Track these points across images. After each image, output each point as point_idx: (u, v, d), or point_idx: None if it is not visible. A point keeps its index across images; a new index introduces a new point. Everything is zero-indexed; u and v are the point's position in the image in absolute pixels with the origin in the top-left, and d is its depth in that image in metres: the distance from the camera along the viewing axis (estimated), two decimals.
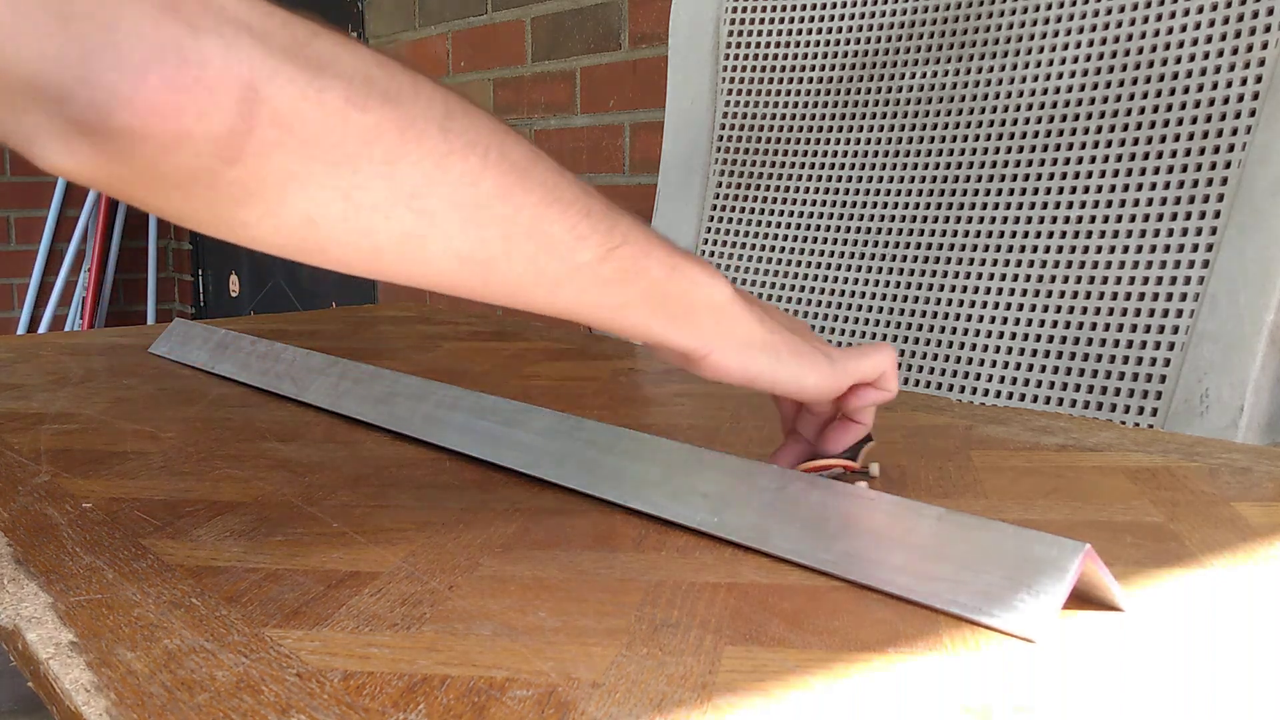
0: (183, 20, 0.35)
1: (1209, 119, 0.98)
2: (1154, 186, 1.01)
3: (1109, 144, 1.05)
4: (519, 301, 0.48)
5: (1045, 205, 1.09)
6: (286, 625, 0.45)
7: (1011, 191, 1.12)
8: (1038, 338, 1.06)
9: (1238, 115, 0.96)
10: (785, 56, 1.36)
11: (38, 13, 0.34)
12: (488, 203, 0.44)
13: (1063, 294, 1.05)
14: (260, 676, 0.40)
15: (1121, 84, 1.05)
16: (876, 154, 1.25)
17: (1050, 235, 1.08)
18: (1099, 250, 1.04)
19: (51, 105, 0.34)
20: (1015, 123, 1.13)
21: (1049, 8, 1.12)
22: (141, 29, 0.34)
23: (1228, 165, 0.96)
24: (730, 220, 1.38)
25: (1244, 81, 0.96)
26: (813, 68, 1.33)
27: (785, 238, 1.32)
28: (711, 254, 1.39)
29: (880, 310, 1.20)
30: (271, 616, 0.46)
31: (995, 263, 1.11)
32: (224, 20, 0.36)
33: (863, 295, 1.22)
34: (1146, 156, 1.02)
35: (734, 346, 0.54)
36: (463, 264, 0.45)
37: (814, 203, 1.30)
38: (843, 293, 1.25)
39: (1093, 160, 1.06)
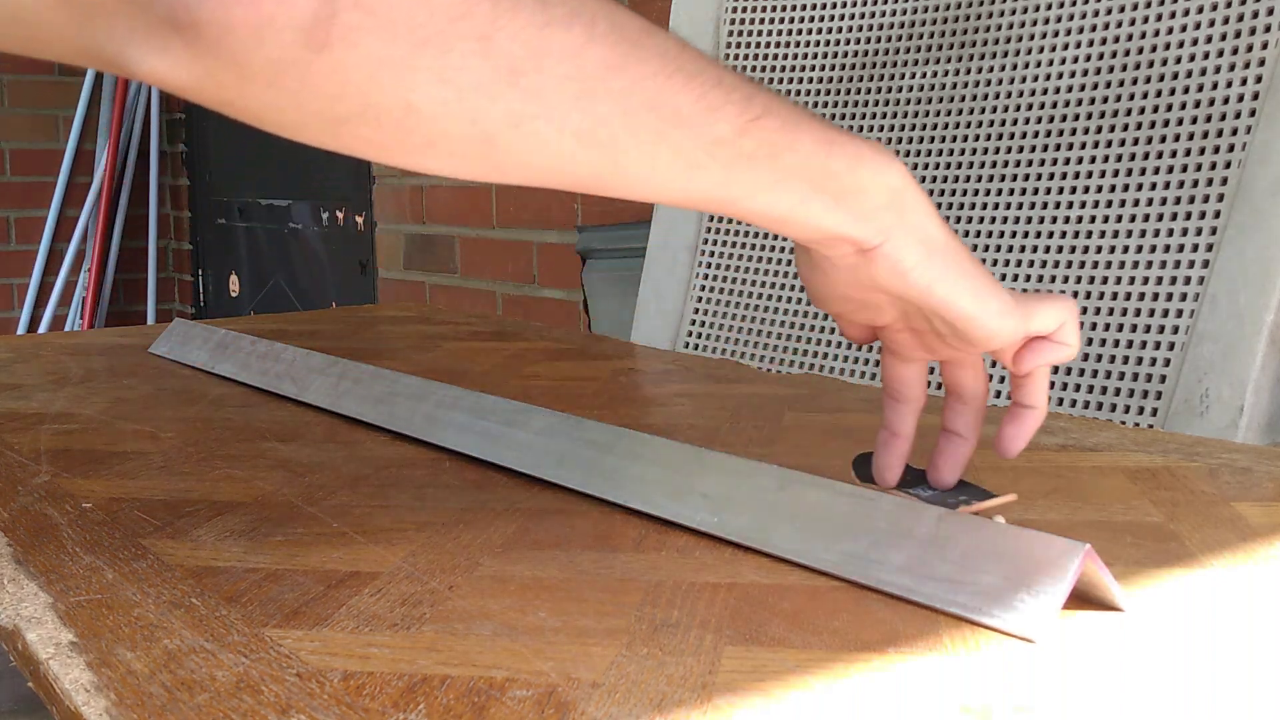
0: None
1: (1209, 119, 0.98)
2: (1154, 186, 1.01)
3: (1109, 144, 1.05)
4: (656, 188, 0.43)
5: (1045, 205, 1.09)
6: (286, 625, 0.45)
7: (1011, 191, 1.12)
8: None
9: (1238, 115, 0.96)
10: (785, 56, 1.36)
11: None
12: (599, 75, 0.40)
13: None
14: (260, 676, 0.40)
15: (1121, 84, 1.05)
16: None
17: (1050, 235, 1.08)
18: (1099, 250, 1.04)
19: (148, 10, 0.34)
20: (1015, 123, 1.13)
21: (1049, 8, 1.12)
22: None
23: (1228, 165, 0.96)
24: (730, 220, 1.38)
25: (1244, 81, 0.96)
26: (813, 68, 1.33)
27: (786, 237, 1.32)
28: (712, 254, 1.39)
29: None
30: (271, 616, 0.46)
31: (995, 262, 1.11)
32: None
33: None
34: (1146, 156, 1.02)
35: (915, 237, 0.46)
36: (582, 144, 0.41)
37: None
38: None
39: (1093, 160, 1.06)
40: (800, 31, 1.35)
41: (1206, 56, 0.99)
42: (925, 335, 0.51)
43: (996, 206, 1.12)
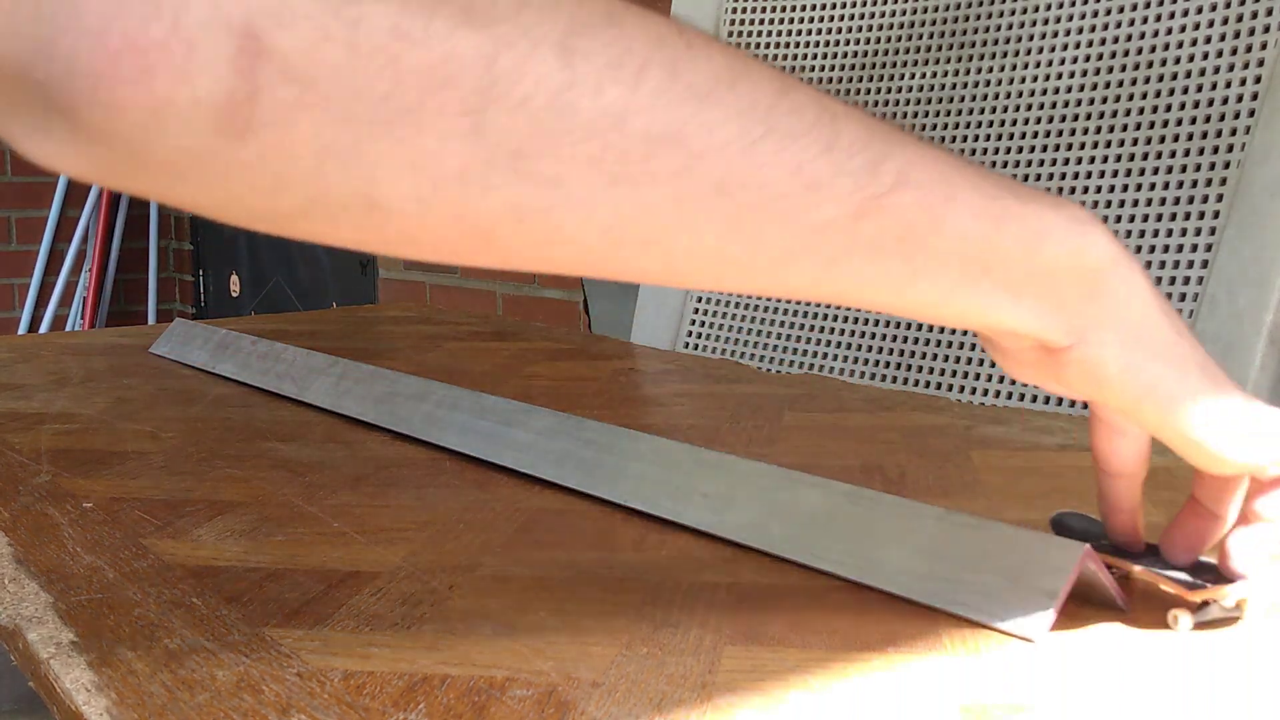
0: None
1: (1209, 119, 0.98)
2: (1153, 187, 1.01)
3: (1109, 144, 1.05)
4: (730, 286, 0.34)
5: None
6: (287, 625, 0.45)
7: None
8: None
9: (1237, 115, 0.96)
10: (785, 56, 1.36)
11: None
12: (643, 150, 0.30)
13: None
14: (261, 676, 0.40)
15: (1121, 84, 1.05)
16: None
17: None
18: None
19: (23, 86, 0.26)
20: (1015, 123, 1.13)
21: (1049, 8, 1.12)
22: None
23: (1227, 165, 0.96)
24: None
25: (1244, 82, 0.96)
26: (813, 68, 1.33)
27: None
28: None
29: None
30: (272, 616, 0.46)
31: None
32: None
33: None
34: (1146, 157, 1.02)
35: (1121, 335, 0.36)
36: (615, 242, 0.31)
37: None
38: None
39: (1093, 160, 1.06)
40: (800, 31, 1.35)
41: (1206, 56, 0.99)
42: None
43: None
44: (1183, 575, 0.43)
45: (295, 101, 0.27)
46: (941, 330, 1.14)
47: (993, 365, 1.09)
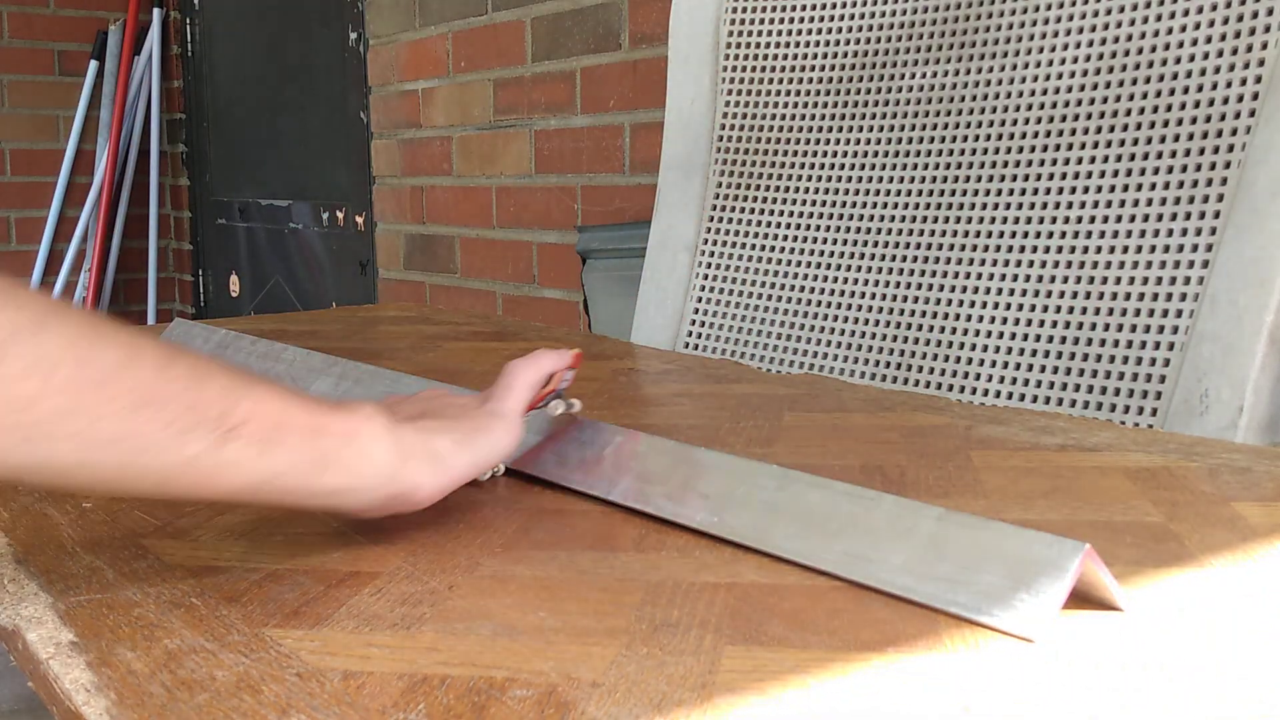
0: None
1: (1209, 119, 0.98)
2: (1154, 186, 1.01)
3: (1109, 144, 1.05)
4: (134, 494, 0.49)
5: (1045, 205, 1.09)
6: (286, 625, 0.45)
7: (1011, 192, 1.12)
8: (1037, 338, 1.06)
9: (1237, 115, 0.96)
10: (785, 56, 1.36)
11: None
12: (51, 421, 0.43)
13: (1062, 294, 1.05)
14: (260, 676, 0.40)
15: (1121, 84, 1.05)
16: (876, 154, 1.25)
17: (1050, 235, 1.08)
18: (1099, 250, 1.04)
19: None
20: (1015, 123, 1.13)
21: (1049, 8, 1.12)
22: None
23: (1227, 165, 0.96)
24: (730, 220, 1.38)
25: (1244, 81, 0.96)
26: (813, 68, 1.33)
27: (785, 238, 1.32)
28: (712, 254, 1.39)
29: (880, 310, 1.20)
30: (271, 616, 0.46)
31: (995, 263, 1.11)
32: None
33: (863, 295, 1.22)
34: (1146, 156, 1.02)
35: (426, 468, 0.53)
36: (34, 477, 0.45)
37: (814, 203, 1.30)
38: (843, 293, 1.25)
39: (1093, 160, 1.06)
40: (800, 31, 1.35)
41: (1206, 56, 0.99)
42: None
43: (996, 206, 1.12)
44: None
45: None
46: (941, 330, 1.14)
47: (993, 365, 1.09)
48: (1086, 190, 1.06)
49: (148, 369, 0.45)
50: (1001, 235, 1.12)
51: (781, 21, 1.37)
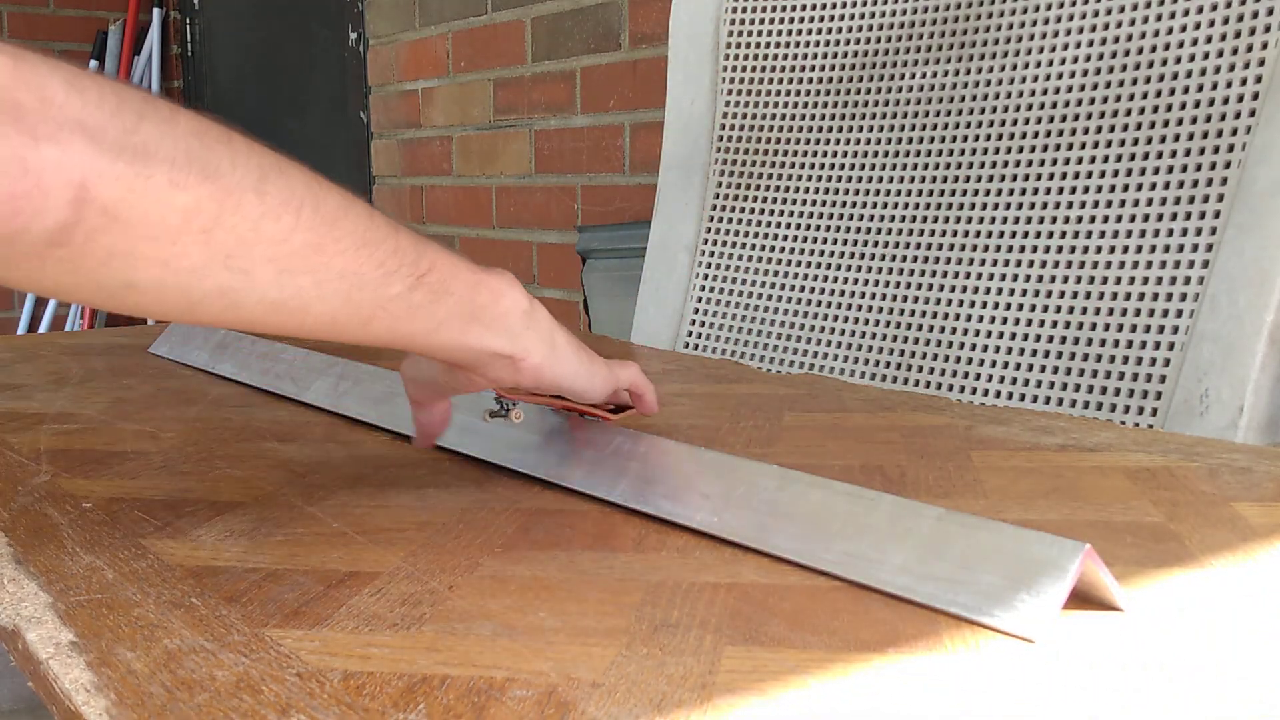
0: (26, 130, 0.39)
1: (1209, 119, 0.98)
2: (1154, 186, 1.01)
3: (1109, 144, 1.05)
4: (335, 334, 0.52)
5: (1045, 205, 1.09)
6: (286, 625, 0.45)
7: (1011, 192, 1.12)
8: (1037, 338, 1.06)
9: (1238, 115, 0.96)
10: (785, 56, 1.36)
11: None
12: (301, 254, 0.47)
13: (1063, 294, 1.05)
14: (260, 676, 0.40)
15: (1121, 84, 1.05)
16: (876, 154, 1.25)
17: (1050, 235, 1.08)
18: (1099, 250, 1.04)
19: None
20: (1015, 123, 1.13)
21: (1049, 8, 1.12)
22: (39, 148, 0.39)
23: (1227, 165, 0.96)
24: (730, 220, 1.38)
25: (1244, 81, 0.96)
26: (813, 68, 1.33)
27: (785, 238, 1.32)
28: (712, 254, 1.39)
29: (880, 310, 1.20)
30: (271, 616, 0.46)
31: (995, 263, 1.11)
32: (61, 124, 0.40)
33: (863, 295, 1.22)
34: (1146, 156, 1.02)
35: (545, 348, 0.59)
36: (275, 310, 0.48)
37: (814, 203, 1.30)
38: (843, 293, 1.25)
39: (1093, 160, 1.06)
40: (800, 31, 1.35)
41: (1206, 56, 0.99)
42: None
43: (996, 206, 1.12)
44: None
45: (102, 227, 0.41)
46: (941, 330, 1.14)
47: (993, 365, 1.09)
48: (1086, 190, 1.06)
49: (361, 213, 0.50)
50: (1001, 235, 1.12)
51: (781, 21, 1.37)
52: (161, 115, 0.43)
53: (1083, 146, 1.07)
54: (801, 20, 1.35)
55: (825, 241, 1.28)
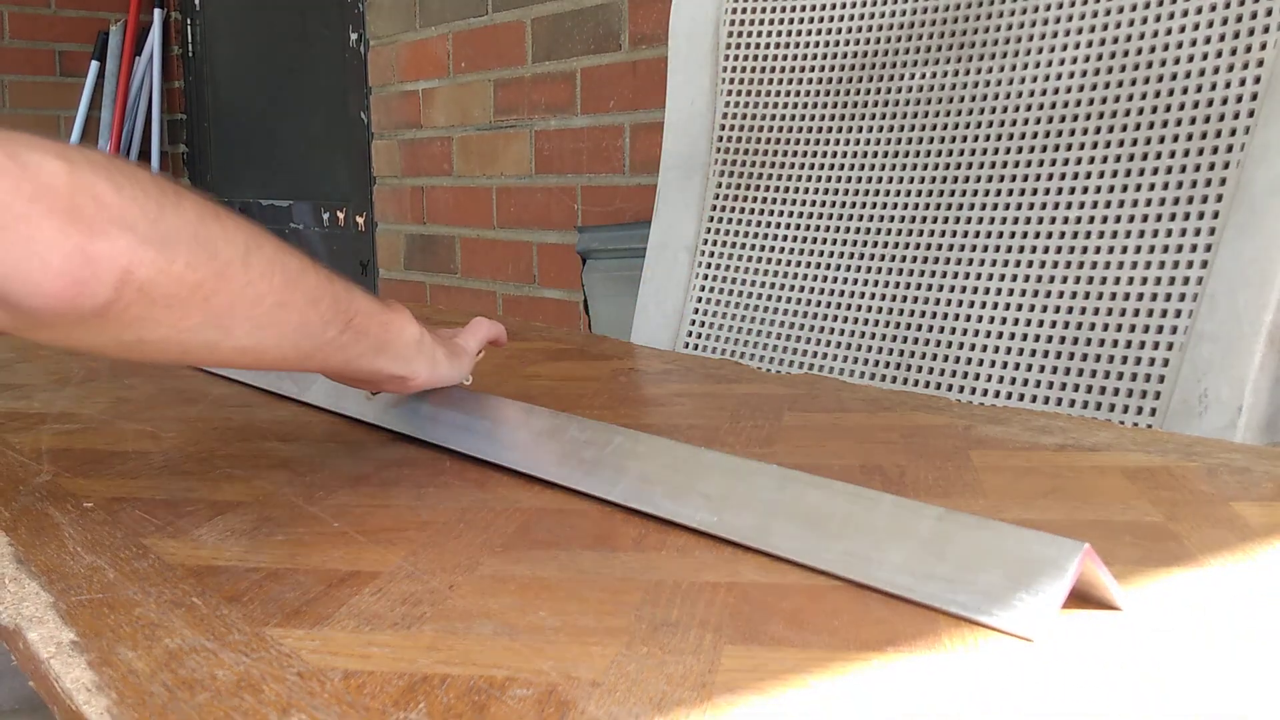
0: (85, 229, 0.47)
1: (1208, 119, 0.98)
2: (1153, 187, 1.01)
3: (1109, 144, 1.05)
4: (279, 368, 0.70)
5: (1045, 205, 1.09)
6: (287, 625, 0.45)
7: (1011, 192, 1.12)
8: (1037, 338, 1.07)
9: (1237, 115, 0.96)
10: (785, 56, 1.36)
11: None
12: (270, 313, 0.57)
13: (1062, 294, 1.06)
14: (261, 676, 0.40)
15: (1121, 84, 1.05)
16: (876, 154, 1.25)
17: (1050, 235, 1.08)
18: (1098, 250, 1.04)
19: None
20: (1015, 123, 1.13)
21: (1049, 8, 1.12)
22: (55, 240, 0.47)
23: (1226, 165, 0.96)
24: (730, 220, 1.38)
25: (1243, 82, 0.96)
26: (813, 68, 1.33)
27: (785, 238, 1.32)
28: (712, 254, 1.39)
29: (880, 310, 1.20)
30: (272, 616, 0.46)
31: (995, 263, 1.11)
32: (111, 221, 0.48)
33: (863, 295, 1.22)
34: (1146, 157, 1.02)
35: (428, 368, 0.72)
36: (242, 355, 0.58)
37: (814, 203, 1.30)
38: (843, 293, 1.25)
39: (1092, 160, 1.06)
40: (800, 31, 1.35)
41: (1206, 57, 0.99)
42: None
43: (996, 207, 1.13)
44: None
45: (135, 301, 0.50)
46: (941, 330, 1.14)
47: (992, 365, 1.09)
48: (1086, 190, 1.06)
49: (311, 273, 0.60)
50: (1001, 235, 1.12)
51: (781, 21, 1.37)
52: (175, 204, 0.52)
53: (1082, 147, 1.07)
54: (801, 20, 1.35)
55: (825, 241, 1.28)
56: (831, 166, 1.29)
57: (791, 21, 1.36)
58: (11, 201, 0.46)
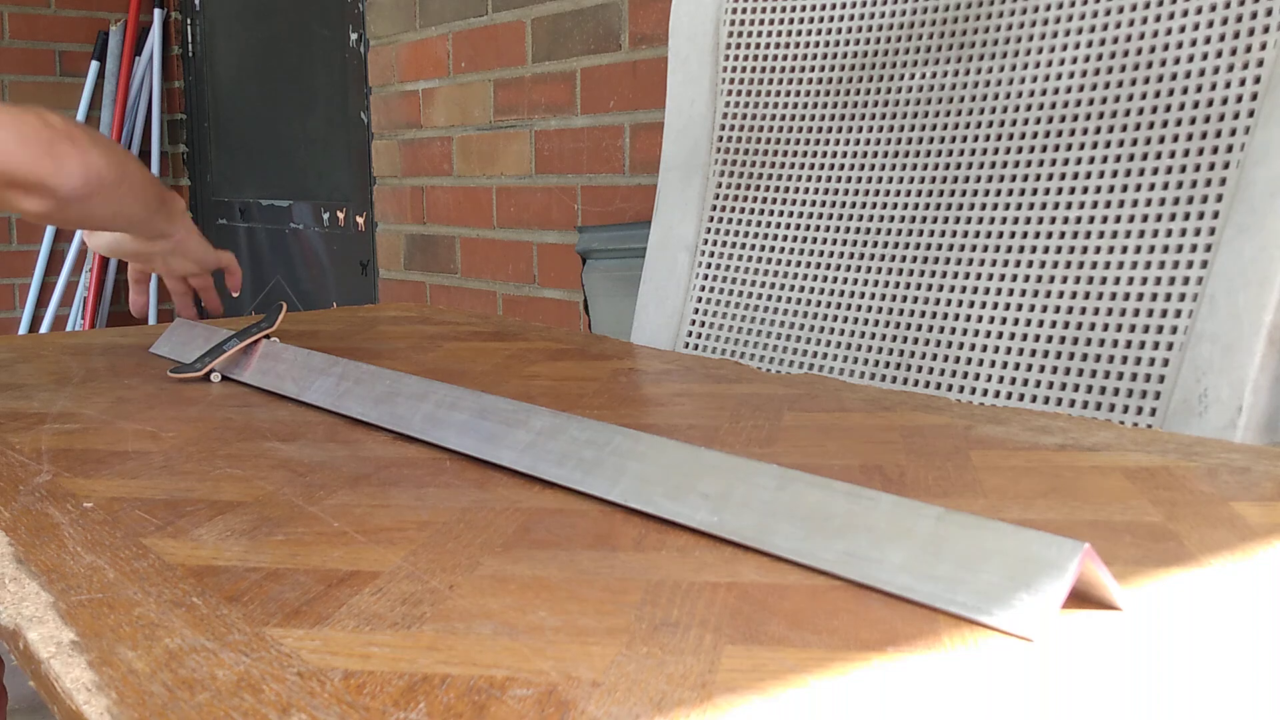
0: (81, 150, 0.93)
1: (1208, 119, 0.98)
2: (1153, 187, 1.01)
3: (1109, 144, 1.05)
4: (122, 228, 1.09)
5: (1045, 205, 1.09)
6: (287, 624, 0.45)
7: (1011, 192, 1.12)
8: (1037, 338, 1.07)
9: (1236, 115, 0.96)
10: (785, 56, 1.36)
11: (33, 146, 0.92)
12: (138, 194, 1.03)
13: (1062, 294, 1.06)
14: (261, 676, 0.40)
15: (1121, 84, 1.05)
16: (876, 154, 1.25)
17: (1050, 235, 1.08)
18: (1098, 250, 1.04)
19: (31, 187, 0.93)
20: (1015, 123, 1.13)
21: (1049, 8, 1.12)
22: (74, 157, 0.93)
23: (1226, 165, 0.96)
24: (730, 220, 1.38)
25: (1243, 82, 0.96)
26: (813, 68, 1.33)
27: (785, 238, 1.32)
28: (712, 254, 1.39)
29: (880, 310, 1.20)
30: (272, 616, 0.46)
31: (995, 263, 1.11)
32: (91, 144, 0.95)
33: (863, 295, 1.22)
34: (1146, 157, 1.02)
35: (185, 233, 1.14)
36: (122, 220, 1.05)
37: (814, 203, 1.30)
38: (843, 293, 1.25)
39: (1092, 160, 1.06)
40: (800, 32, 1.35)
41: (1206, 57, 0.99)
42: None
43: (996, 207, 1.13)
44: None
45: (99, 191, 0.98)
46: (941, 330, 1.14)
47: (992, 365, 1.09)
48: (1086, 190, 1.06)
49: (149, 172, 1.05)
50: (1001, 235, 1.12)
51: (781, 21, 1.37)
52: (97, 136, 0.96)
53: (1082, 147, 1.07)
54: (801, 20, 1.35)
55: (825, 241, 1.28)
56: (831, 166, 1.29)
57: (791, 21, 1.36)
58: (55, 140, 0.92)
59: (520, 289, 2.36)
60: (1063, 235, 1.07)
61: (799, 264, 1.30)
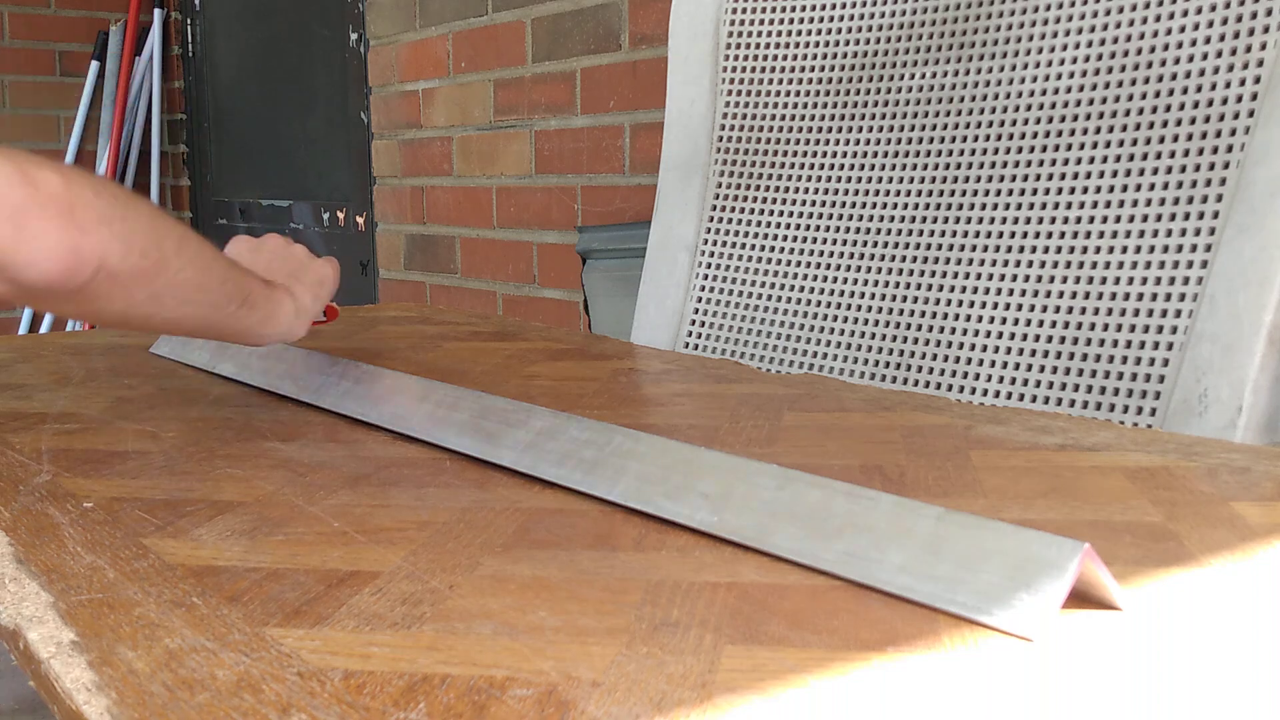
0: (76, 228, 0.61)
1: (1208, 119, 0.98)
2: (1153, 187, 1.01)
3: (1109, 144, 1.05)
4: (188, 334, 0.80)
5: (1045, 205, 1.09)
6: (287, 624, 0.45)
7: (1011, 192, 1.12)
8: (1036, 338, 1.07)
9: (1236, 115, 0.96)
10: (785, 56, 1.36)
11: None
12: (191, 292, 0.72)
13: (1061, 294, 1.06)
14: (261, 676, 0.40)
15: (1121, 84, 1.05)
16: (876, 154, 1.25)
17: (1050, 235, 1.08)
18: (1098, 250, 1.04)
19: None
20: (1015, 123, 1.13)
21: (1049, 8, 1.12)
22: (57, 237, 0.61)
23: (1226, 165, 0.96)
24: (730, 220, 1.38)
25: (1243, 81, 0.96)
26: (813, 68, 1.33)
27: (785, 238, 1.32)
28: (712, 254, 1.39)
29: (880, 310, 1.20)
30: (272, 616, 0.46)
31: (995, 263, 1.11)
32: (94, 222, 0.63)
33: (863, 295, 1.22)
34: (1145, 157, 1.02)
35: (303, 329, 0.86)
36: (168, 324, 0.74)
37: (814, 203, 1.30)
38: (843, 293, 1.25)
39: (1092, 160, 1.06)
40: (800, 32, 1.35)
41: (1206, 57, 0.99)
42: None
43: (996, 207, 1.13)
44: None
45: (102, 282, 0.64)
46: (941, 330, 1.14)
47: (992, 365, 1.09)
48: (1086, 190, 1.06)
49: (222, 263, 0.75)
50: (1001, 235, 1.12)
51: (781, 21, 1.37)
52: (135, 208, 0.66)
53: (1082, 147, 1.07)
54: (801, 20, 1.35)
55: (825, 241, 1.28)
56: (831, 166, 1.29)
57: (791, 21, 1.36)
58: (28, 207, 0.60)
59: (520, 289, 2.36)
60: (1063, 235, 1.07)
61: (799, 264, 1.30)
